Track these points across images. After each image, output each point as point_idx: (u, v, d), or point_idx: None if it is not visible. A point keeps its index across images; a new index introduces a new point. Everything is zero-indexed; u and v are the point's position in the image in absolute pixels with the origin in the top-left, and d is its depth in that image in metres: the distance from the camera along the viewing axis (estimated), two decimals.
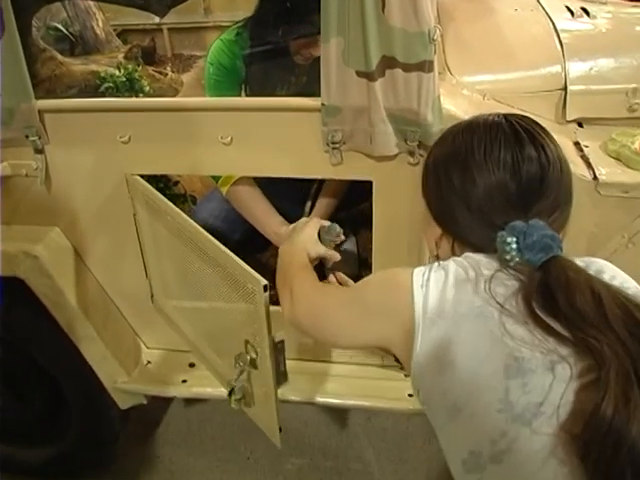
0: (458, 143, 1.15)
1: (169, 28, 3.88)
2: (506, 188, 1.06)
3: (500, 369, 0.91)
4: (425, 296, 1.01)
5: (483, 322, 0.95)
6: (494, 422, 0.90)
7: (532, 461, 0.87)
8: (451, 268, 1.05)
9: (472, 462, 0.94)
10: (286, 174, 1.67)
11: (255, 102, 1.65)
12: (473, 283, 1.01)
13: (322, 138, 1.53)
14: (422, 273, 1.05)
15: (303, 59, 1.91)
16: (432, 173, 1.19)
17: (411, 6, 1.34)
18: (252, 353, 1.47)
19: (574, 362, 0.89)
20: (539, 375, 0.89)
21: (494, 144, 1.09)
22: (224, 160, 1.66)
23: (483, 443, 0.92)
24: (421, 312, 1.00)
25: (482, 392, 0.92)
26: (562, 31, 1.82)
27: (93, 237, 1.87)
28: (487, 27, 1.94)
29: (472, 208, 1.09)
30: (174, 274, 1.80)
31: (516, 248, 1.01)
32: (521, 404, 0.89)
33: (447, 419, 0.98)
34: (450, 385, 0.96)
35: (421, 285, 1.03)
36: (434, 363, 0.98)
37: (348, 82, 1.43)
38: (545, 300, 0.96)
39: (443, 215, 1.17)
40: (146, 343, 2.10)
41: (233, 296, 1.47)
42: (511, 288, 0.99)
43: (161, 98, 1.86)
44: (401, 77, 1.41)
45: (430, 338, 0.98)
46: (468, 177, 1.09)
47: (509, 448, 0.89)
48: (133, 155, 1.70)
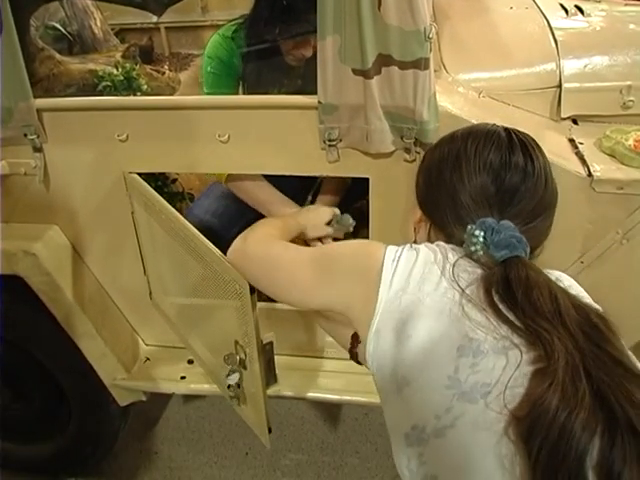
0: (457, 141, 1.21)
1: (167, 27, 3.88)
2: (487, 189, 1.11)
3: (454, 347, 0.94)
4: (394, 271, 1.05)
5: (444, 302, 0.99)
6: (441, 397, 0.92)
7: (475, 438, 0.88)
8: (422, 250, 1.09)
9: (414, 436, 0.95)
10: (283, 171, 1.68)
11: (252, 100, 1.66)
12: (440, 266, 1.05)
13: (319, 136, 1.54)
14: (395, 250, 1.09)
15: (295, 60, 1.90)
16: (428, 161, 1.26)
17: (407, 4, 1.35)
18: (241, 354, 1.48)
19: (525, 350, 0.92)
20: (490, 357, 0.92)
21: (486, 146, 1.15)
22: (221, 158, 1.67)
23: (427, 417, 0.93)
24: (388, 284, 1.03)
25: (433, 367, 0.94)
26: (557, 29, 1.83)
27: (91, 235, 1.88)
28: (482, 25, 1.95)
29: (455, 202, 1.14)
30: (170, 272, 1.81)
31: (482, 242, 1.06)
32: (469, 383, 0.91)
33: (395, 392, 0.99)
34: (404, 357, 0.97)
35: (392, 260, 1.07)
36: (391, 335, 1.00)
37: (344, 80, 1.44)
38: (503, 293, 0.99)
39: (427, 202, 1.23)
40: (145, 340, 2.11)
41: (223, 296, 1.48)
42: (473, 275, 1.03)
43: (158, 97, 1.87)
44: (397, 75, 1.42)
45: (391, 310, 1.01)
46: (457, 173, 1.15)
47: (453, 424, 0.90)
48: (131, 153, 1.71)
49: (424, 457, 0.94)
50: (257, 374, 1.45)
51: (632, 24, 2.00)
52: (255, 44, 1.92)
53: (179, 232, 1.58)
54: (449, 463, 0.91)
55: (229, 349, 1.51)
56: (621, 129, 1.61)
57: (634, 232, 1.56)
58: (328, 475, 2.35)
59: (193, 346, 1.87)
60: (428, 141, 1.48)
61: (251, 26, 1.93)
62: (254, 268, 1.30)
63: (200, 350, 1.84)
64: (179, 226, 1.56)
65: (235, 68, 1.97)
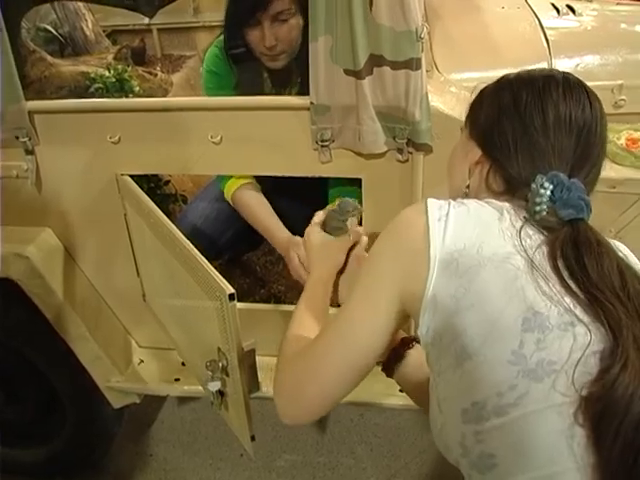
0: (537, 82, 1.08)
1: (159, 28, 3.88)
2: (570, 142, 1.03)
3: (519, 320, 0.88)
4: (444, 229, 0.96)
5: (507, 269, 0.91)
6: (504, 374, 0.87)
7: (540, 419, 0.85)
8: (474, 207, 1.00)
9: (474, 413, 0.90)
10: (276, 172, 1.68)
11: (244, 101, 1.65)
12: (499, 227, 0.96)
13: (311, 136, 1.54)
14: (438, 206, 0.99)
15: (269, 59, 1.84)
16: (496, 88, 1.13)
17: (399, 4, 1.35)
18: (223, 360, 1.47)
19: (592, 327, 0.87)
20: (555, 334, 0.87)
21: (578, 100, 1.04)
22: (214, 159, 1.67)
23: (489, 394, 0.88)
24: (440, 243, 0.94)
25: (496, 340, 0.89)
26: (548, 28, 1.84)
27: (84, 237, 1.88)
28: (474, 25, 1.96)
29: (529, 136, 1.04)
30: (160, 275, 1.81)
31: (549, 197, 0.97)
32: (535, 359, 0.86)
33: (453, 365, 0.93)
34: (465, 328, 0.91)
35: (438, 218, 0.97)
36: (451, 302, 0.92)
37: (336, 80, 1.45)
38: (571, 257, 0.93)
39: (492, 135, 1.09)
40: (138, 342, 2.11)
41: (206, 302, 1.46)
42: (536, 241, 0.95)
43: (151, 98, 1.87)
44: (389, 75, 1.42)
45: (447, 274, 0.93)
46: (539, 102, 1.04)
47: (516, 403, 0.86)
48: (123, 155, 1.70)
49: (482, 435, 0.90)
50: (238, 382, 1.44)
51: (623, 23, 2.01)
52: (232, 48, 1.90)
53: (166, 236, 1.57)
54: (509, 442, 0.87)
55: (213, 355, 1.50)
56: (613, 128, 1.61)
57: (627, 230, 1.57)
58: (323, 476, 2.34)
59: (182, 350, 1.87)
60: (420, 141, 1.49)
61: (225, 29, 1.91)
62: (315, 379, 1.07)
63: (188, 354, 1.84)
64: (166, 230, 1.56)
65: (230, 77, 1.95)
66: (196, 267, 1.45)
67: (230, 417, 1.61)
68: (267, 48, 1.78)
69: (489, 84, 1.15)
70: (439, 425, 0.99)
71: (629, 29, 1.97)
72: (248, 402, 1.47)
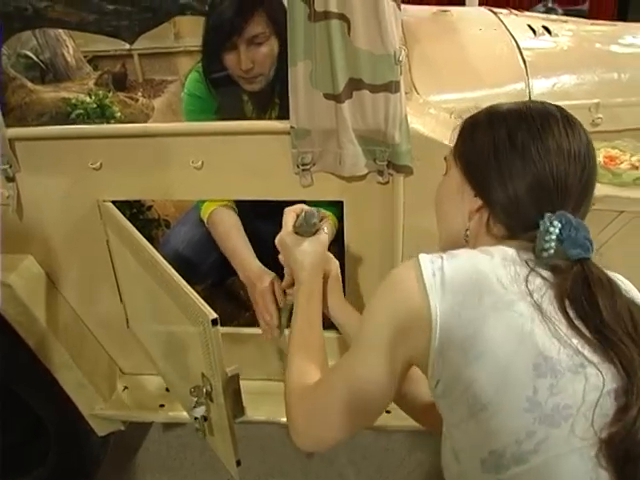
0: (528, 106, 1.07)
1: (140, 54, 3.89)
2: (574, 179, 1.00)
3: (530, 366, 0.87)
4: (441, 283, 0.94)
5: (512, 317, 0.90)
6: (521, 421, 0.87)
7: (562, 464, 0.85)
8: (467, 256, 0.98)
9: (492, 462, 0.90)
10: (257, 197, 1.68)
11: (224, 126, 1.66)
12: (496, 275, 0.94)
13: (292, 160, 1.55)
14: (430, 261, 0.97)
15: (246, 82, 1.85)
16: (486, 129, 1.07)
17: (376, 28, 1.37)
18: (208, 386, 1.46)
19: (603, 368, 0.87)
20: (567, 378, 0.87)
21: (575, 133, 1.03)
22: (196, 184, 1.68)
23: (507, 442, 0.88)
24: (438, 299, 0.93)
25: (510, 388, 0.88)
26: (525, 49, 1.86)
27: (67, 264, 1.87)
28: (452, 47, 1.97)
29: (534, 178, 1.00)
30: (143, 301, 1.80)
31: (556, 237, 0.95)
32: (550, 405, 0.86)
33: (467, 415, 0.92)
34: (477, 379, 0.89)
35: (432, 273, 0.95)
36: (458, 355, 0.91)
37: (316, 105, 1.46)
38: (577, 299, 0.92)
39: (491, 181, 1.04)
40: (122, 368, 2.09)
41: (189, 328, 1.46)
42: (541, 283, 0.94)
43: (131, 124, 1.88)
44: (368, 98, 1.44)
45: (451, 327, 0.91)
46: (538, 140, 1.01)
47: (536, 450, 0.86)
48: (105, 181, 1.70)
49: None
50: (223, 407, 1.43)
51: (598, 43, 2.04)
52: (209, 75, 1.91)
53: (148, 261, 1.57)
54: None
55: (197, 381, 1.49)
56: None
57: (607, 247, 1.58)
58: None
59: (166, 375, 1.86)
60: (401, 163, 1.50)
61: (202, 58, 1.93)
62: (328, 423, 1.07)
63: (172, 380, 1.83)
64: (148, 256, 1.55)
65: (211, 101, 1.96)
66: (178, 293, 1.45)
67: (215, 442, 1.60)
68: (244, 71, 1.80)
69: (475, 115, 1.12)
70: (455, 473, 0.99)
71: (604, 48, 1.99)
72: (233, 427, 1.47)
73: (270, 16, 1.74)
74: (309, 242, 1.37)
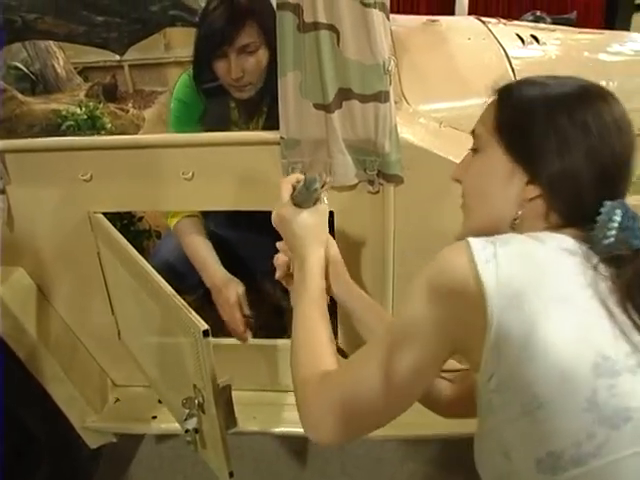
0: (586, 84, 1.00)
1: (130, 65, 3.90)
2: (629, 150, 0.97)
3: (589, 365, 0.83)
4: (496, 272, 0.86)
5: (573, 310, 0.85)
6: (580, 422, 0.83)
7: (624, 466, 0.83)
8: (522, 244, 0.91)
9: (549, 463, 0.86)
10: (248, 207, 1.68)
11: (215, 137, 1.66)
12: (554, 264, 0.89)
13: (282, 170, 1.55)
14: (483, 247, 0.89)
15: (237, 90, 1.86)
16: (546, 108, 0.99)
17: (365, 39, 1.38)
18: (200, 397, 1.45)
19: None
20: (625, 377, 0.83)
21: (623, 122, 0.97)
22: (186, 195, 1.67)
23: (565, 444, 0.84)
24: (494, 290, 0.86)
25: (569, 388, 0.83)
26: (513, 58, 1.87)
27: (58, 276, 1.86)
28: (442, 56, 1.98)
29: (595, 160, 0.96)
30: (134, 313, 1.80)
31: (619, 224, 0.91)
32: (610, 407, 0.83)
33: (521, 413, 0.87)
34: (534, 376, 0.84)
35: (486, 260, 0.87)
36: (516, 349, 0.85)
37: (306, 115, 1.46)
38: (637, 293, 0.87)
39: (549, 165, 0.97)
40: (114, 380, 2.09)
41: (181, 339, 1.46)
42: (600, 276, 0.89)
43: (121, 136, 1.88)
44: (358, 108, 1.44)
45: (509, 319, 0.85)
46: (597, 117, 0.96)
47: (596, 453, 0.83)
48: (95, 193, 1.70)
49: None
50: (215, 418, 1.42)
51: (586, 51, 2.05)
52: (199, 80, 1.92)
53: (139, 273, 1.56)
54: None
55: (188, 392, 1.49)
56: None
57: None
58: None
59: (158, 387, 1.85)
60: (391, 172, 1.50)
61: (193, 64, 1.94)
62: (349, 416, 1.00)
63: (164, 391, 1.82)
64: (139, 267, 1.55)
65: (198, 108, 1.97)
66: (169, 304, 1.44)
67: (208, 454, 1.60)
68: (233, 79, 1.80)
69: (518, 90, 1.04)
70: (503, 473, 0.95)
71: (592, 57, 2.01)
72: (225, 438, 1.46)
73: (262, 26, 1.74)
74: (309, 213, 1.24)
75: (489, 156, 1.04)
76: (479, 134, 1.08)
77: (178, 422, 1.75)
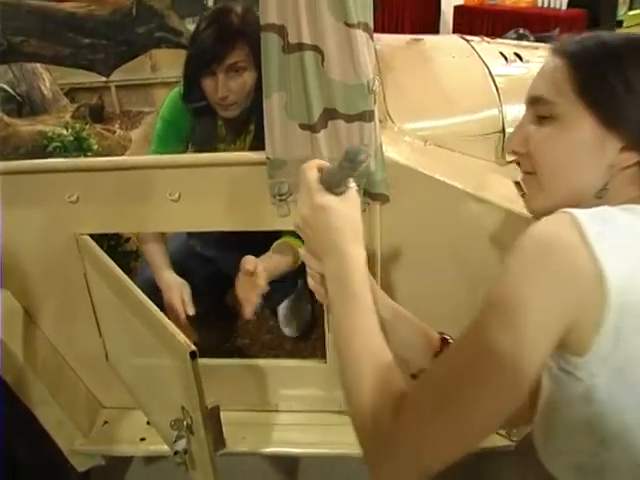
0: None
1: (117, 85, 3.90)
2: None
3: None
4: (608, 250, 0.77)
5: None
6: None
7: None
8: (624, 220, 0.82)
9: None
10: (235, 227, 1.69)
11: (201, 158, 1.67)
12: None
13: (269, 191, 1.55)
14: (589, 219, 0.79)
15: (222, 108, 1.89)
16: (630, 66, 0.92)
17: (349, 59, 1.39)
18: (188, 419, 1.45)
19: None
20: None
21: None
22: (173, 216, 1.67)
23: None
24: (611, 269, 0.76)
25: None
26: (497, 76, 1.89)
27: (44, 298, 1.85)
28: (426, 75, 2.00)
29: None
30: (122, 334, 1.79)
31: None
32: None
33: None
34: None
35: (595, 236, 0.77)
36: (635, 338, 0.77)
37: (292, 135, 1.47)
38: None
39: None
40: (102, 402, 2.07)
41: (168, 361, 1.45)
42: None
43: (108, 157, 1.89)
44: (343, 128, 1.45)
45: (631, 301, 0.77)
46: None
47: None
48: (82, 215, 1.70)
49: None
50: (204, 440, 1.42)
51: None
52: (188, 98, 1.94)
53: (126, 294, 1.56)
54: None
55: (177, 414, 1.48)
56: None
57: None
58: None
59: (147, 409, 1.84)
60: (376, 191, 1.51)
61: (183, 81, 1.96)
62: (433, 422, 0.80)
63: (153, 413, 1.81)
64: (126, 289, 1.55)
65: (183, 128, 1.99)
66: (157, 325, 1.44)
67: (197, 476, 1.59)
68: (219, 98, 1.83)
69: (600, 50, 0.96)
70: (596, 465, 0.89)
71: None
72: (214, 460, 1.45)
73: (252, 48, 1.76)
74: (345, 201, 0.98)
75: (572, 124, 0.95)
76: (552, 101, 0.97)
77: (167, 444, 1.74)
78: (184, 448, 1.49)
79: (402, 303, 1.19)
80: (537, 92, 1.00)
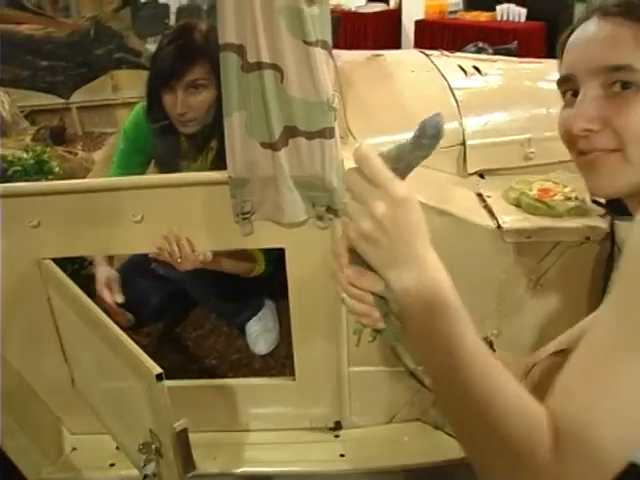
0: None
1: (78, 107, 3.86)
2: None
3: None
4: None
5: None
6: None
7: None
8: None
9: None
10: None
11: (164, 179, 1.67)
12: None
13: (232, 210, 1.55)
14: None
15: (182, 124, 1.90)
16: None
17: (309, 77, 1.39)
18: (156, 442, 1.43)
19: None
20: None
21: None
22: (136, 238, 1.66)
23: None
24: None
25: None
26: (457, 89, 1.91)
27: (8, 324, 1.82)
28: (386, 90, 2.02)
29: None
30: (88, 359, 1.77)
31: None
32: None
33: None
34: None
35: None
36: None
37: (253, 153, 1.47)
38: None
39: None
40: (70, 429, 2.04)
41: (135, 384, 1.43)
42: None
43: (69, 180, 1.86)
44: (304, 145, 1.45)
45: None
46: None
47: None
48: (44, 239, 1.68)
49: None
50: (173, 463, 1.40)
51: (527, 80, 2.11)
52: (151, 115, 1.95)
53: (91, 318, 1.54)
54: None
55: (145, 437, 1.46)
56: (525, 180, 1.68)
57: (547, 277, 1.62)
58: None
59: (115, 433, 1.82)
60: (339, 207, 1.51)
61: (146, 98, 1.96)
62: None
63: (121, 437, 1.79)
64: (90, 313, 1.53)
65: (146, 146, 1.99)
66: (122, 348, 1.42)
67: None
68: (178, 114, 1.84)
69: None
70: None
71: (533, 85, 2.06)
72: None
73: (213, 66, 1.75)
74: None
75: None
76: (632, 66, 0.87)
77: (136, 468, 1.71)
78: (153, 472, 1.47)
79: None
80: (614, 60, 0.88)
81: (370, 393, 1.87)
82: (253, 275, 1.99)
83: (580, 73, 0.91)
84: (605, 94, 0.88)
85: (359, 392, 1.86)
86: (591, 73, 0.89)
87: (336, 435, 1.91)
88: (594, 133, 0.90)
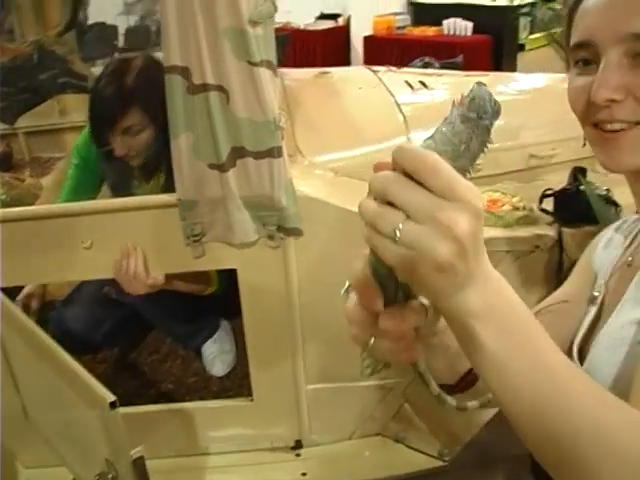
0: None
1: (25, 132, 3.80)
2: None
3: None
4: None
5: None
6: None
7: None
8: None
9: None
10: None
11: (113, 203, 1.64)
12: None
13: (182, 232, 1.54)
14: None
15: (121, 153, 1.86)
16: None
17: (254, 97, 1.40)
18: (113, 471, 1.41)
19: None
20: None
21: None
22: (86, 265, 1.64)
23: None
24: None
25: None
26: (403, 104, 1.93)
27: None
28: (334, 107, 2.03)
29: None
30: (40, 389, 1.73)
31: None
32: None
33: None
34: None
35: None
36: None
37: (201, 175, 1.46)
38: None
39: None
40: (24, 463, 1.99)
41: (89, 413, 1.40)
42: None
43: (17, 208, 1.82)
44: (252, 165, 1.46)
45: None
46: None
47: None
48: None
49: None
50: None
51: None
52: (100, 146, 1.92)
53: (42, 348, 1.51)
54: None
55: (101, 467, 1.44)
56: None
57: None
58: None
59: (71, 465, 1.78)
60: (290, 226, 1.52)
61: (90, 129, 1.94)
62: None
63: (77, 469, 1.75)
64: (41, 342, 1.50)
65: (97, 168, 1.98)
66: (74, 377, 1.39)
67: None
68: (119, 156, 1.83)
69: None
70: None
71: None
72: None
73: (147, 110, 1.76)
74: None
75: None
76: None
77: None
78: None
79: (322, 334, 1.19)
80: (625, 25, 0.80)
81: (329, 410, 1.86)
82: (207, 293, 1.97)
83: (601, 40, 0.82)
84: (629, 63, 0.81)
85: (318, 410, 1.85)
86: (614, 40, 0.81)
87: (297, 454, 1.90)
88: (617, 103, 0.82)
